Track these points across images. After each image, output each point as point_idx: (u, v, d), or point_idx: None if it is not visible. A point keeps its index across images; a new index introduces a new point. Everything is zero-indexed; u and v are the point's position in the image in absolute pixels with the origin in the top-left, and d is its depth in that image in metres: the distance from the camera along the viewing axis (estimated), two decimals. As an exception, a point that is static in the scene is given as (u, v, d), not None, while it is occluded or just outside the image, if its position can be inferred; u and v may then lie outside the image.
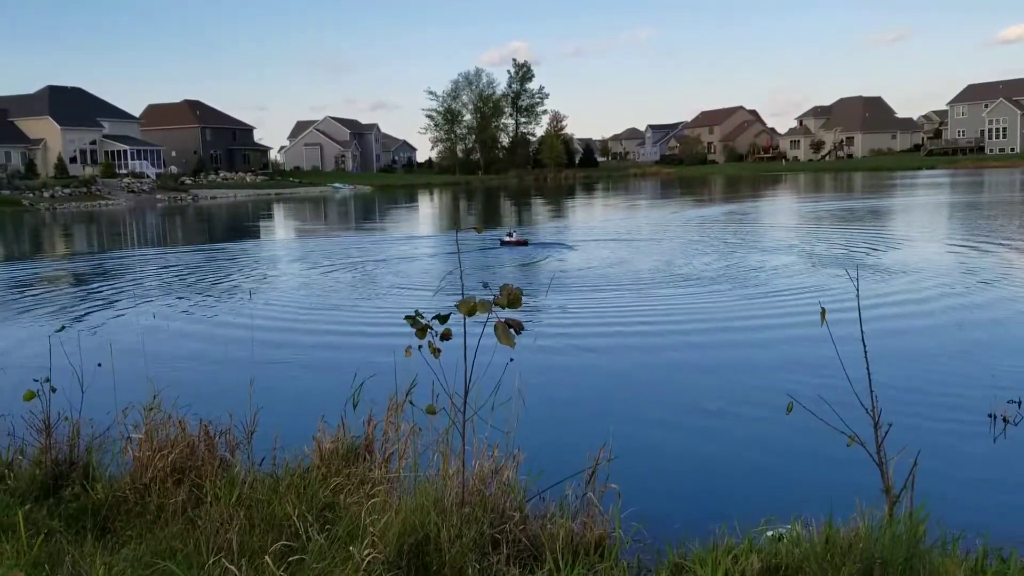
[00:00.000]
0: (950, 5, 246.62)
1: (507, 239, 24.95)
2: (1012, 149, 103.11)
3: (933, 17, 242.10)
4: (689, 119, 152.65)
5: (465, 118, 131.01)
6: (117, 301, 16.68)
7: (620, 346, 11.41)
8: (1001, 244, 21.66)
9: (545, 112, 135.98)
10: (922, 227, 27.78)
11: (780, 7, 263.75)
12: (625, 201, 57.26)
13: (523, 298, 3.86)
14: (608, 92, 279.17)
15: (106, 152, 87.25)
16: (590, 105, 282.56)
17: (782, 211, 41.90)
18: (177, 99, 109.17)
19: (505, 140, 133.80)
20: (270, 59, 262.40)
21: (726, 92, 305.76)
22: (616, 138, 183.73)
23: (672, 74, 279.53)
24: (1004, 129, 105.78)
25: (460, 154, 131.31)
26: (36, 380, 5.24)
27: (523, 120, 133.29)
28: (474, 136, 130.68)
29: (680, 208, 45.47)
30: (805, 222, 33.17)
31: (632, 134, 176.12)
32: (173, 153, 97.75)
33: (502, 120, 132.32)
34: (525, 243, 25.05)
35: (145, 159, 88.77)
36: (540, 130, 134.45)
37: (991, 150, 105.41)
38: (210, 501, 4.72)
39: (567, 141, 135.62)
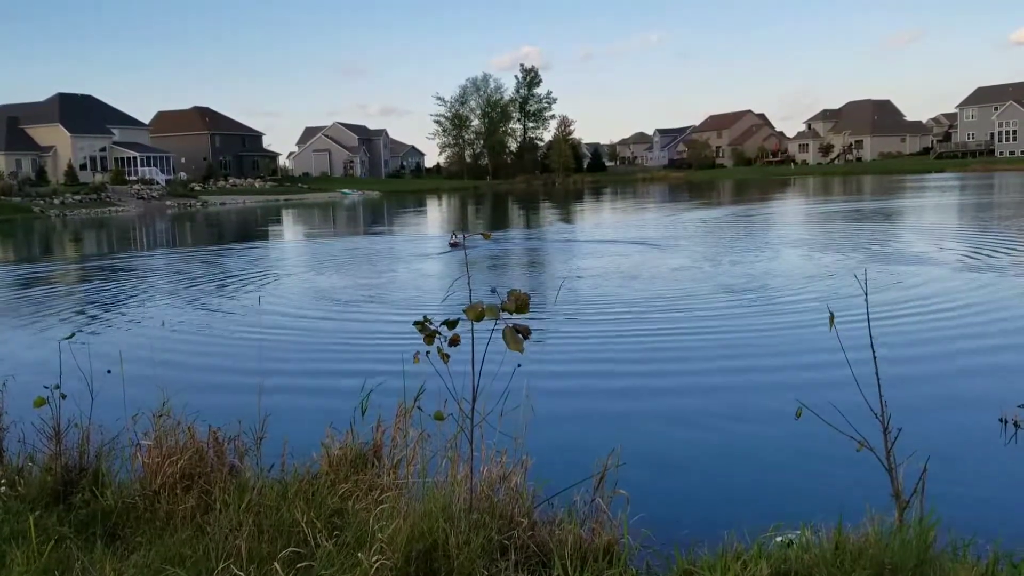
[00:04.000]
0: (960, 8, 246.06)
1: (452, 241, 27.46)
2: (1022, 152, 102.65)
3: (943, 20, 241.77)
4: (697, 123, 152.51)
5: (473, 123, 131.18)
6: (126, 307, 16.75)
7: (629, 351, 11.38)
8: (1014, 247, 21.54)
9: (553, 117, 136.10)
10: (935, 229, 27.66)
11: (788, 11, 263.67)
12: (635, 205, 57.20)
13: (532, 303, 3.85)
14: (617, 96, 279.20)
15: (116, 159, 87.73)
16: (599, 110, 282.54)
17: (794, 214, 41.77)
18: (187, 106, 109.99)
19: (513, 145, 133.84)
20: (281, 65, 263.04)
21: (734, 96, 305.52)
22: (624, 143, 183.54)
23: (680, 78, 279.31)
24: (1014, 132, 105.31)
25: (468, 159, 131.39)
26: (46, 386, 5.25)
27: (531, 125, 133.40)
28: (482, 141, 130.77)
29: (689, 211, 45.39)
30: (816, 224, 33.07)
31: (640, 138, 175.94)
32: (183, 160, 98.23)
33: (510, 125, 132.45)
34: (461, 246, 26.82)
35: (155, 166, 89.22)
36: (548, 135, 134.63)
37: (1001, 153, 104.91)
38: (219, 507, 4.72)
39: (575, 146, 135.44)
